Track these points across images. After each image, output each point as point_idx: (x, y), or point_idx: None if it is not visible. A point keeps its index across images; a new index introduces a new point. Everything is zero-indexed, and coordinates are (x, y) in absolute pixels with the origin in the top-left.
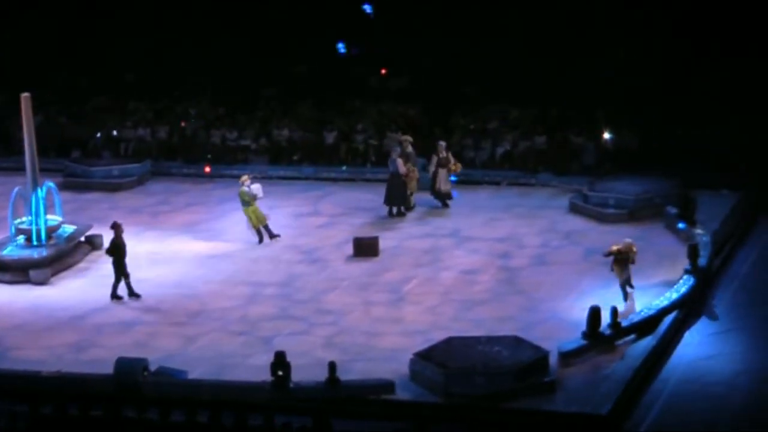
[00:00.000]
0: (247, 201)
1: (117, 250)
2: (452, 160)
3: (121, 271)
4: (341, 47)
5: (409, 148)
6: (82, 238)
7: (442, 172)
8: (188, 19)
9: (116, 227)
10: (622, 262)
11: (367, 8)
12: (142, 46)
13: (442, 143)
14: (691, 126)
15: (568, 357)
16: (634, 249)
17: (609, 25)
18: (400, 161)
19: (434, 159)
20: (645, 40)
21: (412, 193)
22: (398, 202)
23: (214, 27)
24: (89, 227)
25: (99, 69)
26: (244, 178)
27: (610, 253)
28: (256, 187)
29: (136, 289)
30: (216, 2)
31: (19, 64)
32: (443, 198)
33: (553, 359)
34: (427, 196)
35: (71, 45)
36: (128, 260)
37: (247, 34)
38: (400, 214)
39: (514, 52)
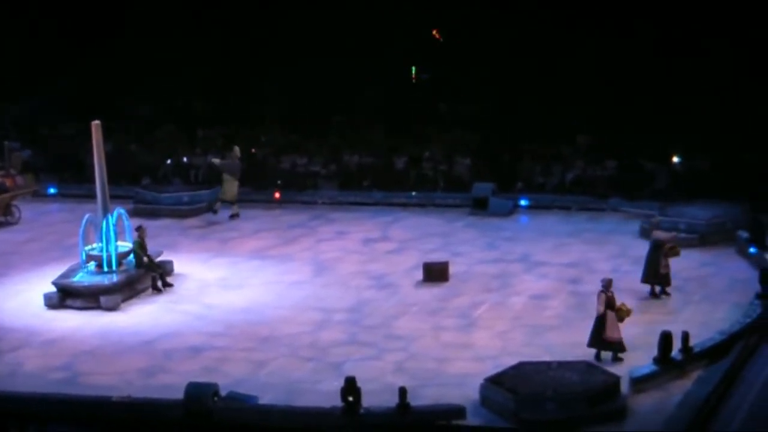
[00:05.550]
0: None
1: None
2: (618, 301)
3: (153, 264)
4: (412, 73)
5: (236, 160)
6: None
7: (611, 315)
8: (259, 46)
9: (140, 229)
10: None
11: (437, 34)
12: (211, 74)
13: (605, 279)
14: (762, 150)
15: (639, 382)
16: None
17: (672, 54)
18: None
19: (601, 297)
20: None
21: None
22: (653, 280)
23: (284, 53)
24: (159, 253)
25: (166, 97)
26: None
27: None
28: None
29: (206, 314)
30: (283, 29)
31: (89, 93)
32: (614, 350)
33: (624, 385)
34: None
35: (138, 74)
36: (197, 286)
37: (317, 61)
38: (664, 293)
39: (581, 78)
